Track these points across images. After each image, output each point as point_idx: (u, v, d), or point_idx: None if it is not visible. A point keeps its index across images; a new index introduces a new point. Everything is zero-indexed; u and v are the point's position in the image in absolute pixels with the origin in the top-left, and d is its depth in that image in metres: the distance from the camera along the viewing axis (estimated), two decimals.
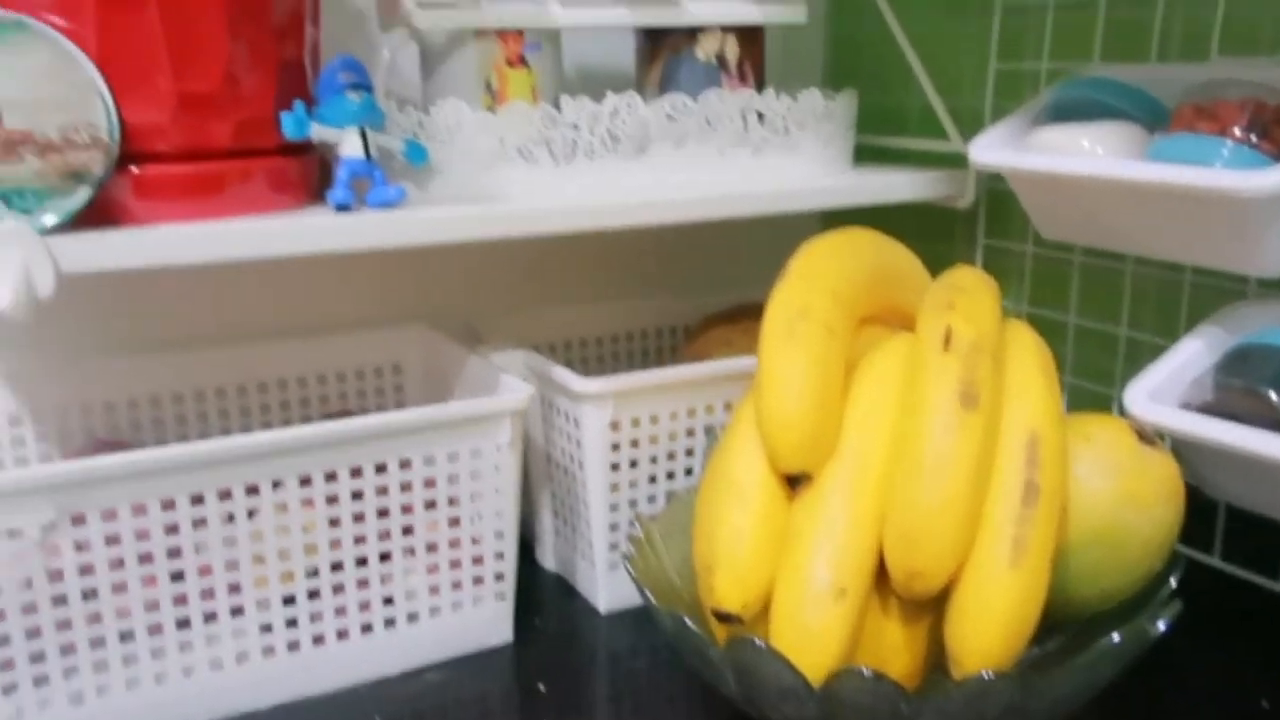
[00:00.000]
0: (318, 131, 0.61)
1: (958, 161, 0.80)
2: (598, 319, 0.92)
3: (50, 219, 0.54)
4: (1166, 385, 0.59)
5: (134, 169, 0.57)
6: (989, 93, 0.82)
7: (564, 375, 0.70)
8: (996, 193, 0.83)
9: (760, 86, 0.79)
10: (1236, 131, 0.56)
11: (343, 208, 0.62)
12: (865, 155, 0.87)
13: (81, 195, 0.54)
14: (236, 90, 0.59)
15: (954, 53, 0.86)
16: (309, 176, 0.65)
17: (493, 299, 0.89)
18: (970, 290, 0.56)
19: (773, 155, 0.77)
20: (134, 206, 0.57)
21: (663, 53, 0.76)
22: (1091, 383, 0.78)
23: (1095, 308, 0.78)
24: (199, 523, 0.59)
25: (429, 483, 0.65)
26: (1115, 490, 0.55)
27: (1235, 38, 0.66)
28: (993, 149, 0.68)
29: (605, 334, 0.92)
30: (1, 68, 0.52)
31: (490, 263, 0.91)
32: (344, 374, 0.82)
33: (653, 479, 0.73)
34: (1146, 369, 0.60)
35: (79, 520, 0.56)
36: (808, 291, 0.56)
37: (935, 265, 0.62)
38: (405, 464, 0.64)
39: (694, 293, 0.94)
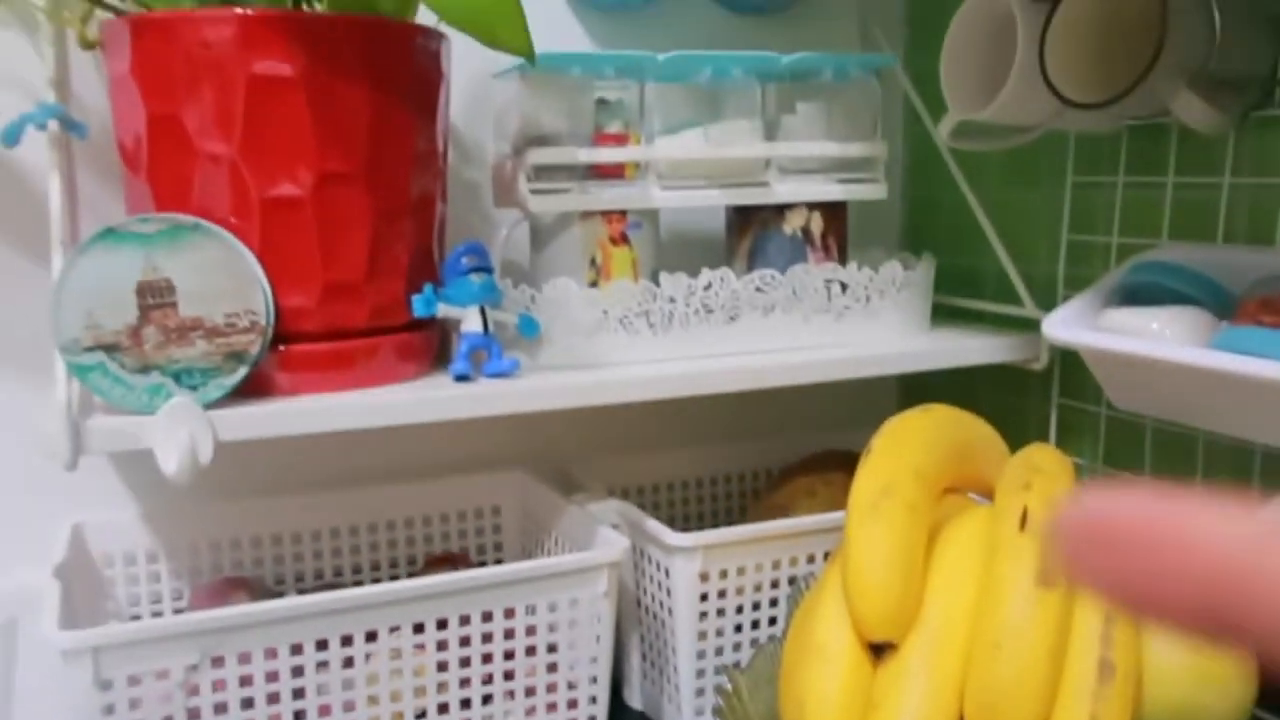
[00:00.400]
0: (443, 310, 0.68)
1: (1032, 325, 0.84)
2: (685, 464, 0.96)
3: (213, 394, 0.60)
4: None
5: (282, 347, 0.64)
6: (1062, 262, 0.87)
7: (656, 528, 0.75)
8: (1070, 355, 0.87)
9: (843, 257, 0.84)
10: None
11: (462, 378, 0.68)
12: (944, 315, 0.92)
13: (240, 374, 0.61)
14: (374, 278, 0.66)
15: (1028, 222, 0.91)
16: (431, 346, 0.72)
17: (588, 444, 0.94)
18: (1047, 471, 0.60)
19: (855, 321, 0.82)
20: (280, 380, 0.64)
21: (751, 227, 0.83)
22: None
23: (1169, 470, 0.80)
24: (321, 665, 0.64)
25: (530, 630, 0.70)
26: (1192, 668, 0.57)
27: None
28: (1067, 326, 0.72)
29: (691, 478, 0.97)
30: (181, 263, 0.59)
31: (586, 411, 0.97)
32: (447, 516, 0.88)
33: (739, 628, 0.77)
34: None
35: (218, 662, 0.61)
36: (891, 470, 0.60)
37: (1011, 422, 0.66)
38: (509, 612, 0.69)
39: (777, 439, 0.99)
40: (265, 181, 0.61)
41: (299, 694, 0.65)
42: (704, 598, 0.75)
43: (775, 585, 0.77)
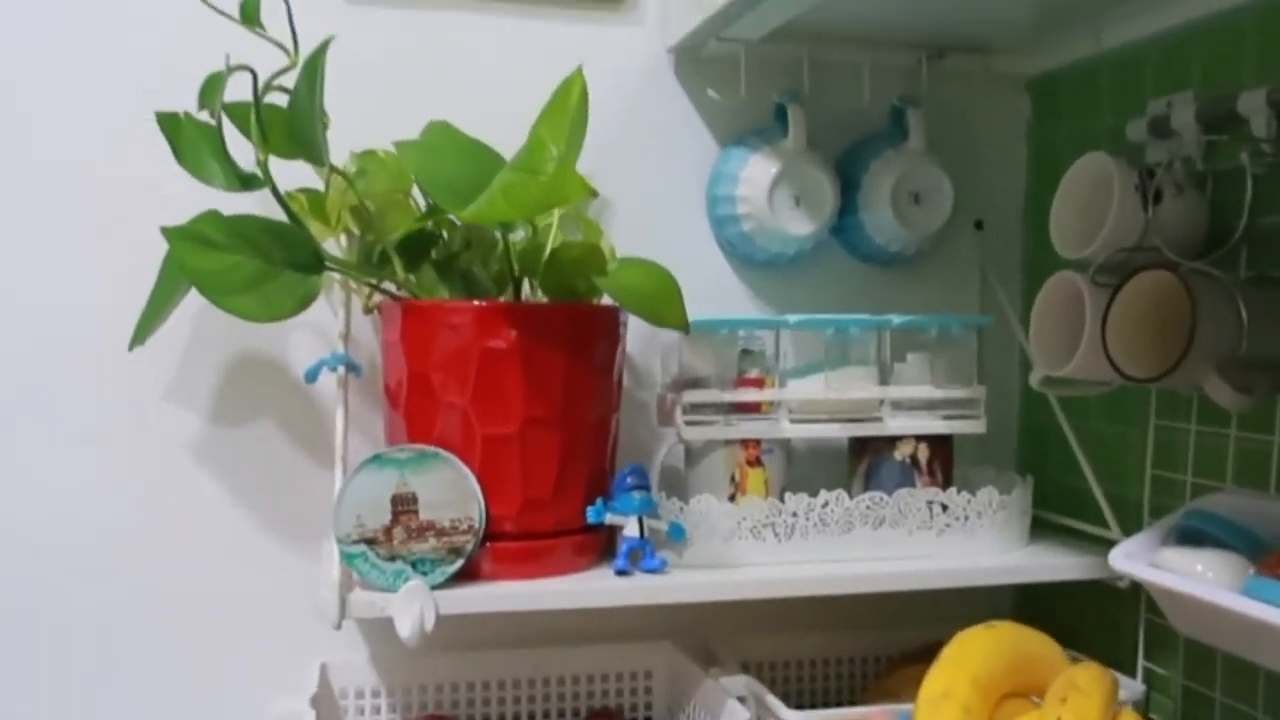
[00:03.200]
0: (610, 518, 0.88)
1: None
2: (810, 646, 1.11)
3: (438, 579, 0.82)
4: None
5: (488, 544, 0.85)
6: (1146, 491, 0.99)
7: (775, 703, 0.90)
8: None
9: (947, 480, 0.99)
10: None
11: (622, 573, 0.88)
12: (1047, 529, 1.05)
13: (458, 564, 0.82)
14: (560, 495, 0.87)
15: (1120, 453, 1.04)
16: (600, 545, 0.92)
17: (725, 623, 1.10)
18: (1084, 689, 0.73)
19: (954, 537, 0.97)
20: (486, 568, 0.85)
21: (867, 452, 1.00)
22: None
23: (1235, 690, 0.90)
24: None
25: None
26: None
27: None
28: (1129, 559, 0.85)
29: (817, 658, 1.12)
30: (424, 481, 0.82)
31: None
32: (607, 676, 1.06)
33: None
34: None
35: None
36: (952, 677, 0.74)
37: (1105, 632, 0.79)
38: None
39: (894, 630, 1.13)
40: (486, 423, 0.84)
41: None
42: None
43: None
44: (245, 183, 0.81)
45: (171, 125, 0.81)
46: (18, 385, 0.95)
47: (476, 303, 0.84)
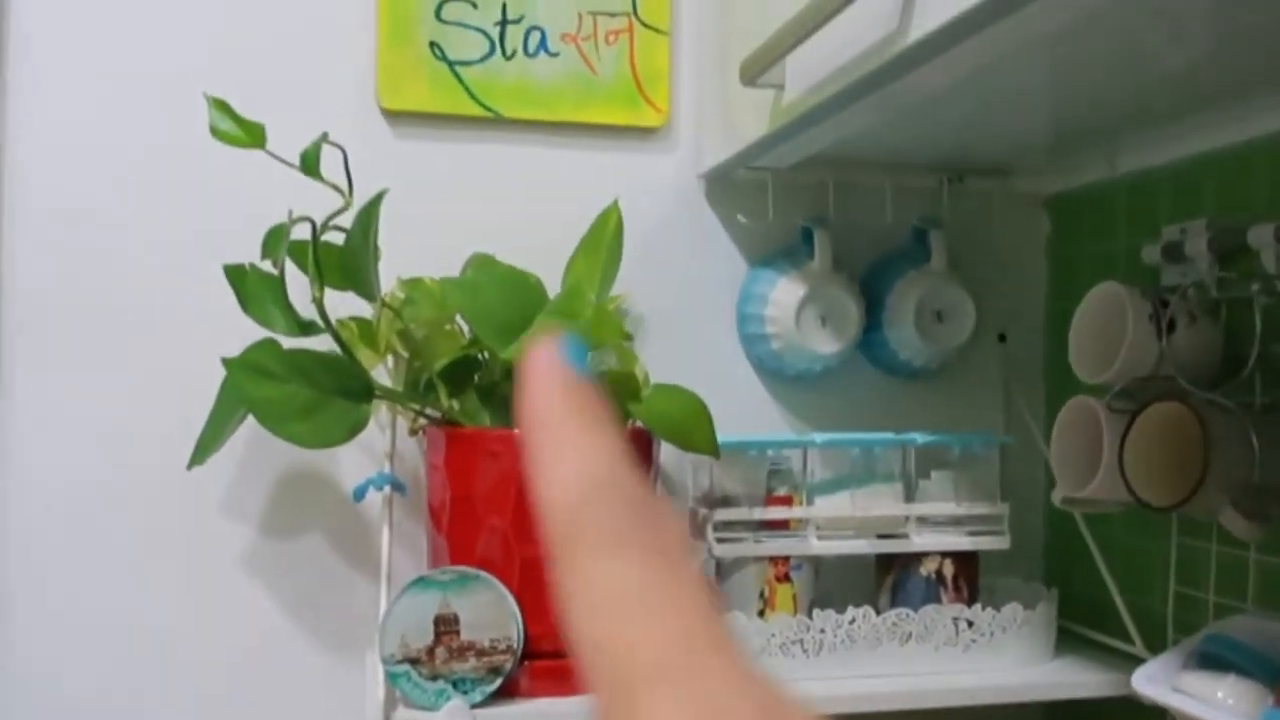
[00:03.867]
0: None
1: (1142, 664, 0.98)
2: None
3: (477, 698, 0.85)
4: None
5: (526, 663, 0.88)
6: (1170, 607, 1.01)
7: None
8: None
9: (973, 596, 1.02)
10: None
11: None
12: (1074, 642, 1.06)
13: (497, 683, 0.86)
14: None
15: (1144, 568, 1.05)
16: None
17: None
18: None
19: (980, 653, 0.99)
20: (524, 686, 0.88)
21: (894, 567, 1.02)
22: None
23: None
24: None
25: None
26: None
27: None
28: (1151, 683, 0.87)
29: None
30: (465, 602, 0.86)
31: None
32: None
33: None
34: None
35: None
36: None
37: None
38: None
39: None
40: (525, 544, 0.88)
41: None
42: None
43: None
44: (304, 329, 0.86)
45: (238, 277, 0.87)
46: (84, 501, 1.00)
47: (517, 431, 0.88)
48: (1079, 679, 0.99)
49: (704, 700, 0.20)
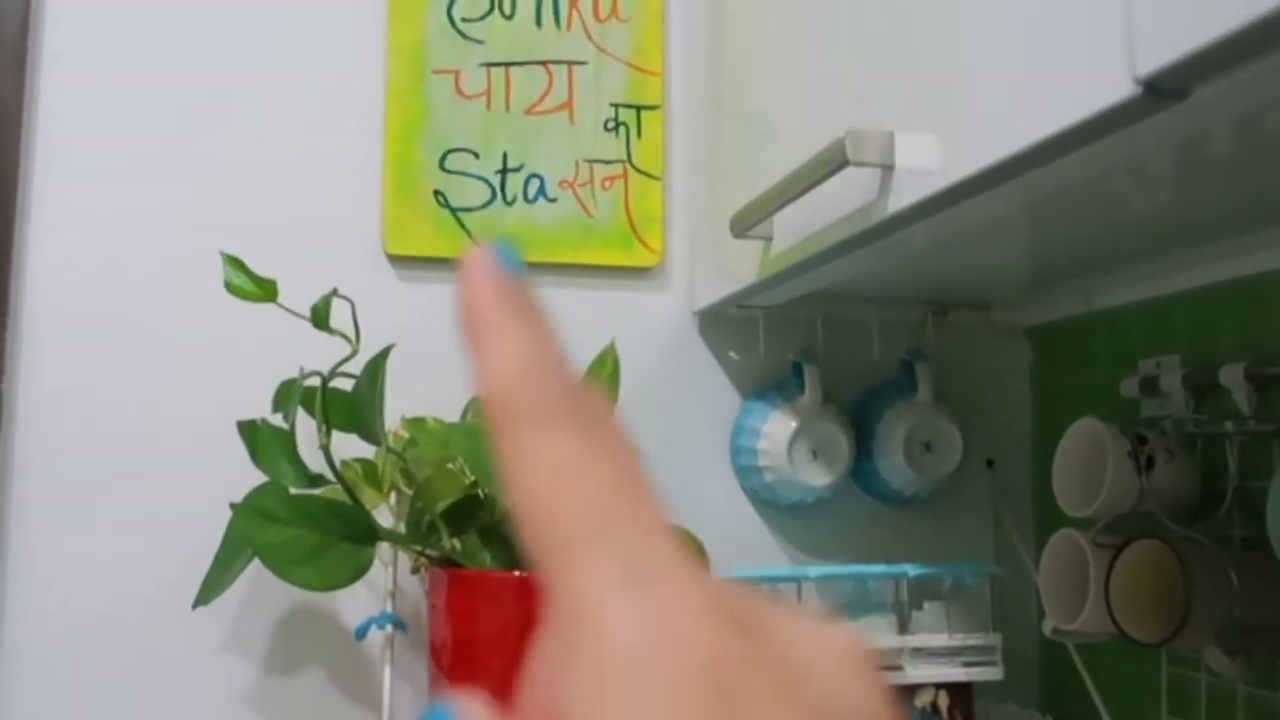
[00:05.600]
0: None
1: None
2: None
3: None
4: None
5: None
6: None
7: None
8: None
9: None
10: None
11: None
12: None
13: None
14: None
15: (1135, 696, 1.07)
16: None
17: None
18: None
19: None
20: None
21: None
22: None
23: None
24: None
25: None
26: None
27: None
28: None
29: None
30: None
31: None
32: None
33: None
34: None
35: None
36: None
37: None
38: None
39: None
40: None
41: None
42: None
43: None
44: (312, 482, 0.89)
45: (250, 432, 0.90)
46: (86, 636, 1.01)
47: (517, 573, 0.91)
48: None
49: (631, 551, 0.22)
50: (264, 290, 0.89)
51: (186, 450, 1.04)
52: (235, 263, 0.90)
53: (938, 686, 1.02)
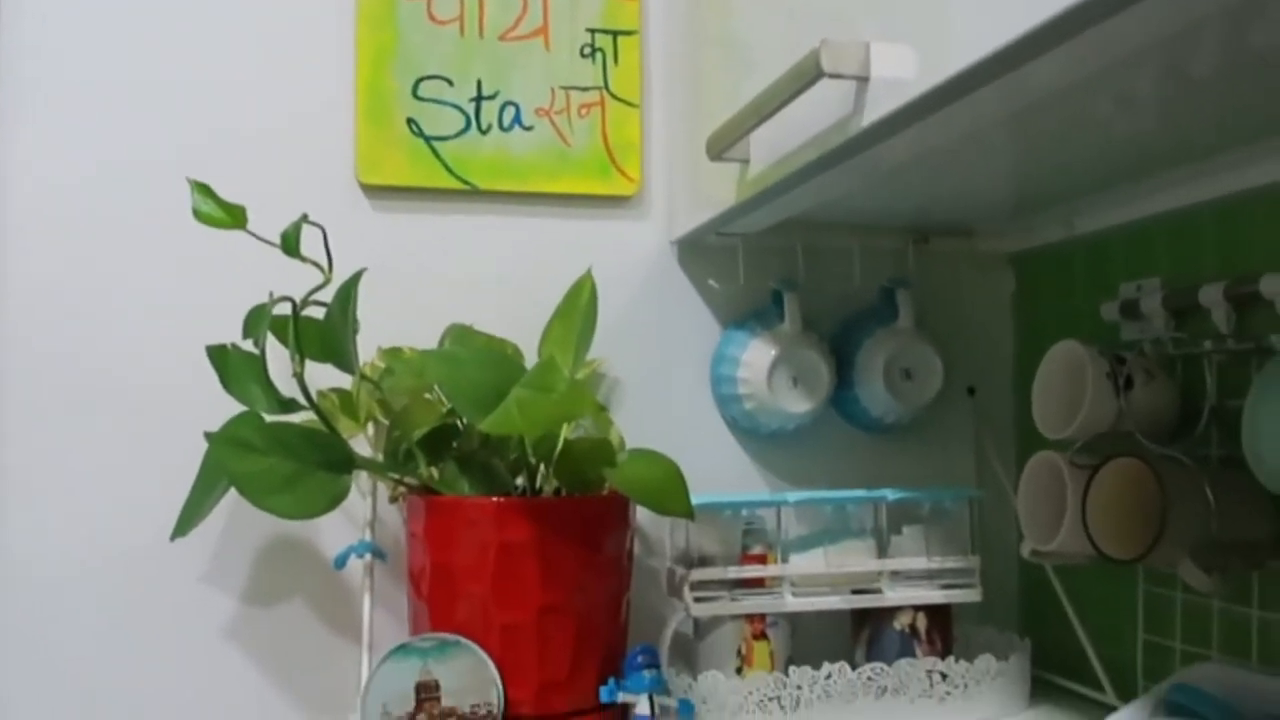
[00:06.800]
0: (623, 697, 0.92)
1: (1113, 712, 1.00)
2: None
3: None
4: None
5: None
6: (1140, 655, 1.03)
7: None
8: None
9: (946, 648, 1.04)
10: None
11: None
12: (1049, 691, 1.08)
13: None
14: (574, 676, 0.92)
15: (1114, 618, 1.07)
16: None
17: None
18: None
19: (955, 704, 1.00)
20: None
21: (868, 622, 1.04)
22: None
23: None
24: None
25: None
26: None
27: None
28: None
29: None
30: (445, 669, 0.87)
31: None
32: None
33: None
34: None
35: None
36: None
37: None
38: None
39: None
40: (503, 611, 0.90)
41: None
42: None
43: None
44: (285, 407, 0.88)
45: (220, 357, 0.89)
46: (67, 573, 1.01)
47: (495, 499, 0.91)
48: None
49: None
50: (233, 217, 0.87)
51: (161, 383, 1.03)
52: (203, 189, 0.88)
53: (916, 609, 1.03)
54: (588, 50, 1.14)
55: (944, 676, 1.00)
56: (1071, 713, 1.04)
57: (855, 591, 1.03)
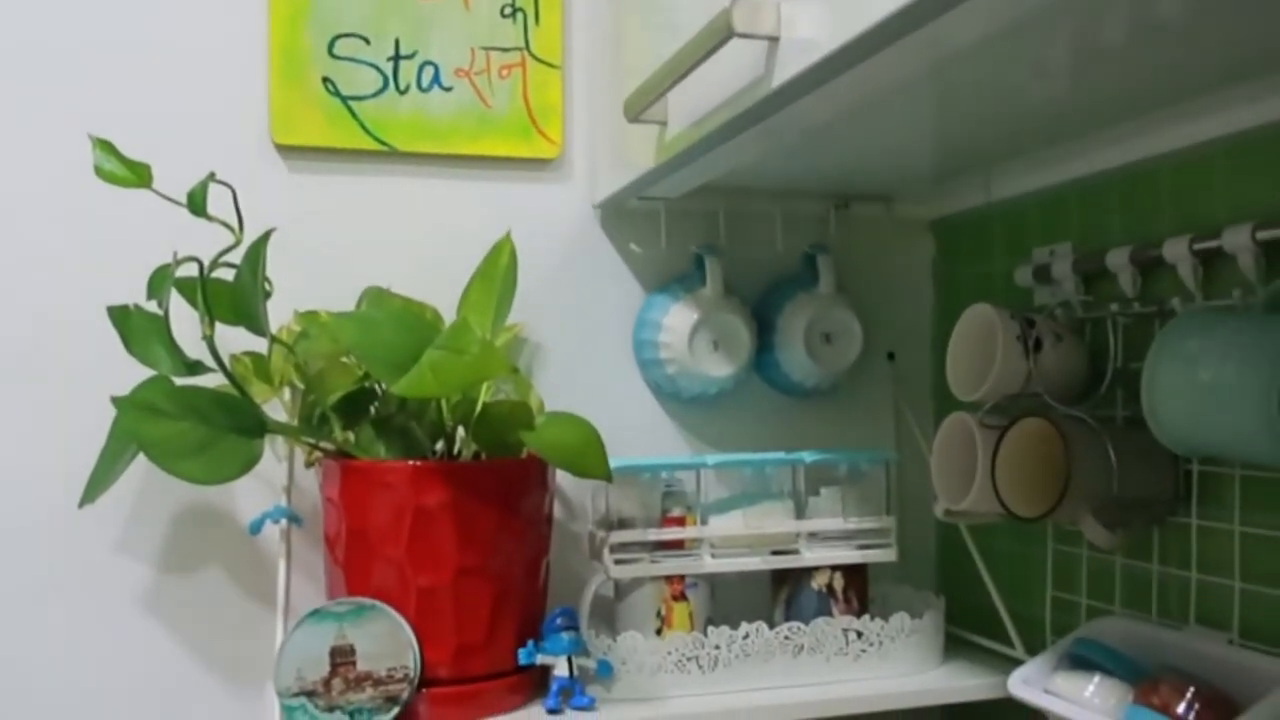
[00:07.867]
0: (541, 659, 0.93)
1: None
2: None
3: None
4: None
5: (424, 690, 0.89)
6: (1048, 612, 1.06)
7: None
8: None
9: (863, 607, 1.06)
10: (1178, 709, 0.78)
11: (553, 712, 0.92)
12: (962, 647, 1.11)
13: (394, 712, 0.87)
14: (492, 639, 0.92)
15: (1025, 575, 1.10)
16: (533, 684, 0.96)
17: None
18: None
19: (870, 662, 1.02)
20: (422, 714, 0.89)
21: (787, 582, 1.06)
22: None
23: None
24: None
25: None
26: None
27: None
28: (1026, 685, 0.91)
29: None
30: (361, 633, 0.87)
31: None
32: None
33: None
34: None
35: None
36: None
37: None
38: None
39: None
40: (420, 575, 0.89)
41: None
42: None
43: None
44: (191, 369, 0.87)
45: (121, 317, 0.87)
46: None
47: (410, 462, 0.90)
48: (965, 683, 1.03)
49: None
50: (137, 175, 0.85)
51: (66, 348, 1.00)
52: (105, 146, 0.86)
53: (833, 569, 1.05)
54: (508, 10, 1.12)
55: (859, 634, 1.02)
56: (982, 667, 1.06)
57: (774, 553, 1.04)
